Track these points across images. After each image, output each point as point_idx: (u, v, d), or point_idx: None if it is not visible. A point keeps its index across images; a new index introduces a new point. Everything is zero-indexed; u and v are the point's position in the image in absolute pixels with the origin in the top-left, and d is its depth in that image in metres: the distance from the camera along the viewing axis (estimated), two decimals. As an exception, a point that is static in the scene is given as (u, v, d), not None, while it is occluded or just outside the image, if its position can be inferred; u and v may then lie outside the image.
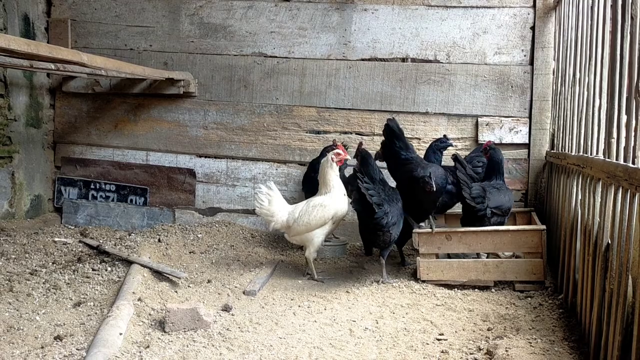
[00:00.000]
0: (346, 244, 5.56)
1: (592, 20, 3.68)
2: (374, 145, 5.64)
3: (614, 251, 2.71)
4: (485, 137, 5.43)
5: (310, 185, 5.31)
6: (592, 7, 3.68)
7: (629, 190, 2.52)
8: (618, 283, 2.59)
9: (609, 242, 2.86)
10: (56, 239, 5.32)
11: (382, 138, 5.02)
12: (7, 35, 3.55)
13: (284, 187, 5.81)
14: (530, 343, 3.13)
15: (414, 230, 4.53)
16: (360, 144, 5.31)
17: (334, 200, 4.55)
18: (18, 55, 3.87)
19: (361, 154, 4.77)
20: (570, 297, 3.76)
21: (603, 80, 3.33)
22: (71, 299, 3.88)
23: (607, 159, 2.97)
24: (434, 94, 5.61)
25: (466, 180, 4.42)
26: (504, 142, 5.44)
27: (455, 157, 4.58)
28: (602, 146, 3.32)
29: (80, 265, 4.54)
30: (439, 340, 3.44)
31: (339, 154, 4.57)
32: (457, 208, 4.94)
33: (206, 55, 6.01)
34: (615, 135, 2.88)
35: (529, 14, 5.41)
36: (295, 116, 5.87)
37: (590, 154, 3.50)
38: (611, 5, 3.18)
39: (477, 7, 5.51)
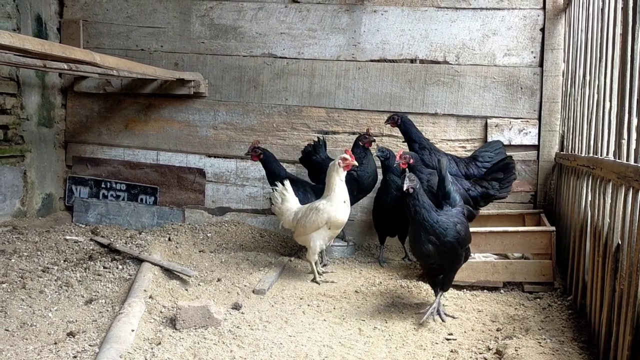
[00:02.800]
0: (355, 244, 5.59)
1: (602, 21, 3.68)
2: (382, 145, 5.64)
3: (624, 251, 2.72)
4: (495, 138, 5.42)
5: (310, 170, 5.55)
6: (602, 9, 3.68)
7: (640, 191, 2.53)
8: (628, 283, 2.59)
9: (619, 242, 2.86)
10: (67, 237, 5.37)
11: (389, 138, 5.07)
12: (22, 35, 3.60)
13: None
14: (540, 343, 3.14)
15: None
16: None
17: (330, 205, 4.45)
18: (32, 54, 3.92)
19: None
20: (580, 298, 3.76)
21: (614, 81, 3.33)
22: (83, 296, 3.92)
23: (617, 160, 2.97)
24: (443, 95, 5.62)
25: None
26: (513, 143, 5.44)
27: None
28: (612, 147, 3.32)
29: (92, 263, 4.59)
30: (448, 340, 3.46)
31: (345, 159, 4.46)
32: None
33: (216, 56, 6.05)
34: (625, 136, 2.88)
35: (538, 15, 5.41)
36: (305, 117, 5.90)
37: (601, 155, 3.51)
38: (622, 8, 3.18)
39: (486, 8, 5.52)
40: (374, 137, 5.28)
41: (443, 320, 3.73)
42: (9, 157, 5.63)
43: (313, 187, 5.19)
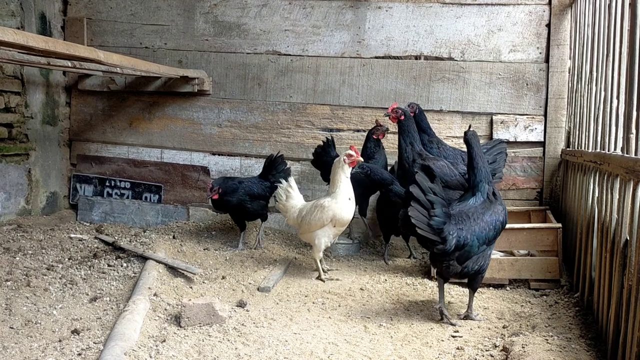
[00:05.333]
0: (360, 242, 5.56)
1: (609, 17, 3.65)
2: (387, 142, 5.62)
3: (632, 247, 2.69)
4: (500, 135, 5.39)
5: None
6: (609, 5, 3.65)
7: (649, 185, 2.50)
8: (637, 279, 2.57)
9: (628, 238, 2.83)
10: (72, 235, 5.37)
11: (396, 136, 5.05)
12: (26, 32, 3.61)
13: (297, 185, 5.78)
14: (547, 340, 3.11)
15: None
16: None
17: (335, 203, 4.42)
18: (36, 52, 3.91)
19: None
20: (587, 295, 3.73)
21: (621, 76, 3.30)
22: (87, 294, 3.91)
23: (625, 155, 2.94)
24: (448, 92, 5.59)
25: None
26: (519, 140, 5.41)
27: None
28: (620, 143, 3.30)
29: (96, 261, 4.59)
30: (454, 337, 3.44)
31: (351, 155, 4.44)
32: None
33: (220, 54, 6.04)
34: (634, 130, 2.85)
35: (544, 11, 5.38)
36: (309, 114, 5.88)
37: (608, 151, 3.48)
38: (630, 3, 3.15)
39: (492, 4, 5.48)
40: (387, 127, 5.26)
41: None
42: (14, 156, 5.64)
43: None
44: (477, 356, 3.12)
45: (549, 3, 5.35)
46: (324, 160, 5.40)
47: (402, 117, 4.71)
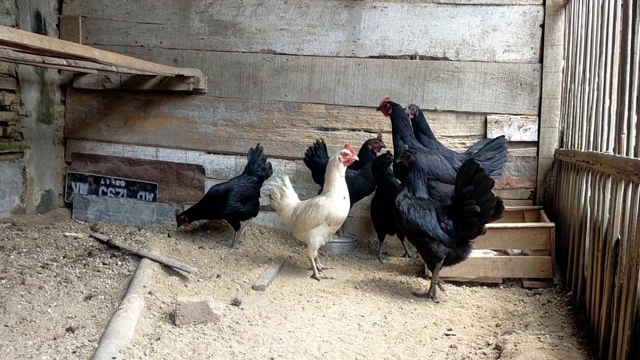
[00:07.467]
0: (355, 240, 5.58)
1: (602, 17, 3.67)
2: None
3: (623, 246, 2.71)
4: (494, 134, 5.41)
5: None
6: (602, 5, 3.67)
7: (640, 185, 2.52)
8: (628, 278, 2.59)
9: (619, 237, 2.86)
10: (67, 234, 5.36)
11: (390, 135, 5.08)
12: (21, 30, 3.59)
13: (292, 184, 5.80)
14: (539, 338, 3.14)
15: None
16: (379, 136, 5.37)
17: (330, 201, 4.43)
18: (31, 50, 3.91)
19: None
20: (579, 293, 3.76)
21: (613, 77, 3.32)
22: (82, 292, 3.92)
23: (617, 155, 2.97)
24: (442, 92, 5.61)
25: None
26: (512, 139, 5.44)
27: None
28: (612, 143, 3.33)
29: (91, 259, 4.59)
30: (447, 335, 3.46)
31: (346, 154, 4.45)
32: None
33: (216, 52, 6.04)
34: (625, 131, 2.87)
35: (538, 11, 5.40)
36: (304, 113, 5.89)
37: (600, 151, 3.50)
38: (622, 4, 3.17)
39: (486, 4, 5.50)
40: (384, 143, 5.27)
41: None
42: (8, 154, 5.63)
43: None
44: (470, 354, 3.14)
45: (543, 3, 5.38)
46: (315, 161, 5.43)
47: (390, 111, 4.78)
